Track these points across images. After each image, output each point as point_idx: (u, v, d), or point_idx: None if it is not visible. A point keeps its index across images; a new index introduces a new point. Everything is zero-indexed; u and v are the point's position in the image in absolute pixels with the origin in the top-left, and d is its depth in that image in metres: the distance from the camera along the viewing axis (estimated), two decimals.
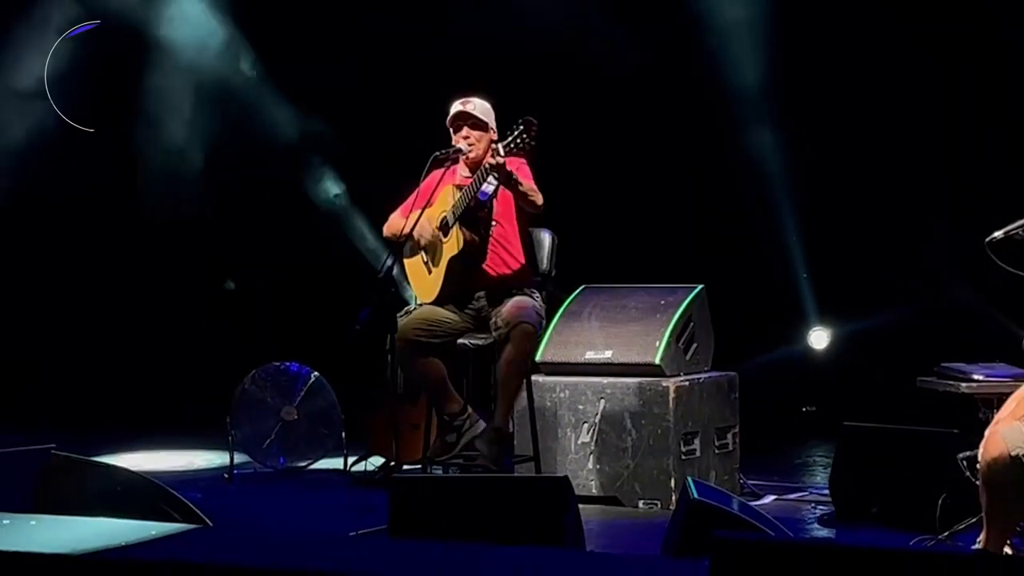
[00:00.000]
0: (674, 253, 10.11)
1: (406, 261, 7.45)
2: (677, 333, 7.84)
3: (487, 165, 6.84)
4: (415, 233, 7.18)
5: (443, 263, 7.23)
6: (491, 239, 7.23)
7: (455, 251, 7.15)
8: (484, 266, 7.25)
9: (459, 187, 7.13)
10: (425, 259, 7.39)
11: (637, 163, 10.81)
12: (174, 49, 11.48)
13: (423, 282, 7.41)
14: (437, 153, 7.20)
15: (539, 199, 7.05)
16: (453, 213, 7.11)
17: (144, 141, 11.63)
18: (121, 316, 11.75)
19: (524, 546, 4.54)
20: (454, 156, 7.23)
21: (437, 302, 7.29)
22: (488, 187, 6.97)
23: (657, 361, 7.71)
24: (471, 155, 7.23)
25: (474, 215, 7.13)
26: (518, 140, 6.70)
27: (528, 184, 7.00)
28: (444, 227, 7.18)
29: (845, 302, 10.76)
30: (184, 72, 11.57)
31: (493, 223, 7.22)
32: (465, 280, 7.26)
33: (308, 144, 11.53)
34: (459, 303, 7.30)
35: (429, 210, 7.21)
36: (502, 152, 6.75)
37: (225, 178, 11.58)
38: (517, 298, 7.17)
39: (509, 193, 7.07)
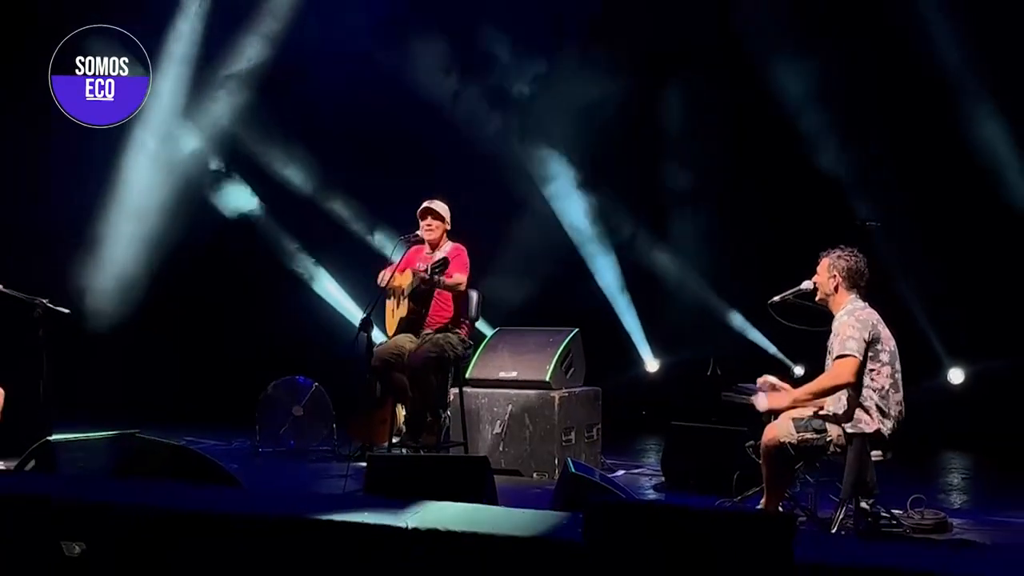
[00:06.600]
0: (560, 307, 10.03)
1: (387, 302, 7.48)
2: (561, 360, 7.92)
3: (427, 271, 6.94)
4: (389, 286, 7.30)
5: (400, 314, 7.33)
6: (433, 298, 7.28)
7: (404, 313, 7.27)
8: (427, 313, 7.30)
9: (414, 272, 7.14)
10: (393, 308, 7.44)
11: (539, 241, 10.73)
12: None
13: (390, 320, 7.45)
14: (401, 237, 7.35)
15: (460, 287, 7.16)
16: (409, 287, 7.19)
17: None
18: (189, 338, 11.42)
19: (456, 502, 4.54)
20: (412, 239, 7.33)
21: (396, 333, 7.32)
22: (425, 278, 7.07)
23: (547, 379, 7.80)
24: (430, 237, 7.34)
25: (421, 290, 7.22)
26: (436, 269, 6.92)
27: (452, 279, 7.07)
28: (401, 294, 7.30)
29: (672, 342, 10.73)
30: None
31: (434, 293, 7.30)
32: (413, 324, 7.30)
33: None
34: (414, 332, 7.30)
35: (401, 276, 7.31)
36: (429, 272, 6.93)
37: None
38: (442, 335, 7.22)
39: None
